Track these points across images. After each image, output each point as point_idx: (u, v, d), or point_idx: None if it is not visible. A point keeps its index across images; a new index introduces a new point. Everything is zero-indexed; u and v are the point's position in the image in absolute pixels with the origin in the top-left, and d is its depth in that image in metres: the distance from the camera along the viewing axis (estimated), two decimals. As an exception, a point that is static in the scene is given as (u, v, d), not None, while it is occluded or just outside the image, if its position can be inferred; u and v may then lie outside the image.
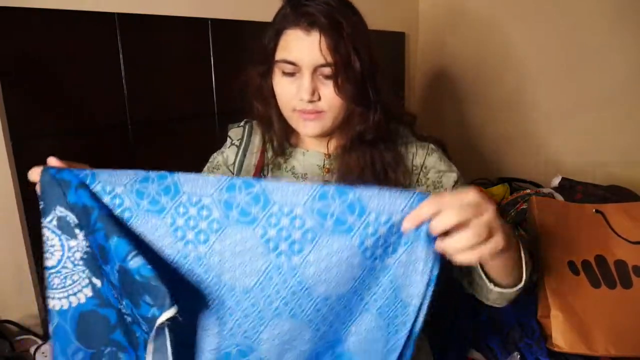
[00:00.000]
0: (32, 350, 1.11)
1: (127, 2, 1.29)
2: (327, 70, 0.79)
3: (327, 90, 0.80)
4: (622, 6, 1.68)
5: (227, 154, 0.97)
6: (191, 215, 0.63)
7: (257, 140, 0.96)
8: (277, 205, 0.60)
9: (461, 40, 2.17)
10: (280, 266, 0.61)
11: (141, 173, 0.65)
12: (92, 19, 1.22)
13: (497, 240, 0.55)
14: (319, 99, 0.81)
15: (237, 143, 0.96)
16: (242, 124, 0.99)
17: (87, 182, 0.65)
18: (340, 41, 0.77)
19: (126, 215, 0.65)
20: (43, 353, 1.10)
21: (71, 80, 1.22)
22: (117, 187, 0.65)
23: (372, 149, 0.87)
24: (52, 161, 0.68)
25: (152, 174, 0.65)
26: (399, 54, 2.25)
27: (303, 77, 0.80)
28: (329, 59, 0.77)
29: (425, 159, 0.90)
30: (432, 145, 0.91)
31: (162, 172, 0.65)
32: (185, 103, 1.47)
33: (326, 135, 0.89)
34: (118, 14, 1.26)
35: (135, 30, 1.31)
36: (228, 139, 0.98)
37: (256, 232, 0.61)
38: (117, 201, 0.65)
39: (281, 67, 0.81)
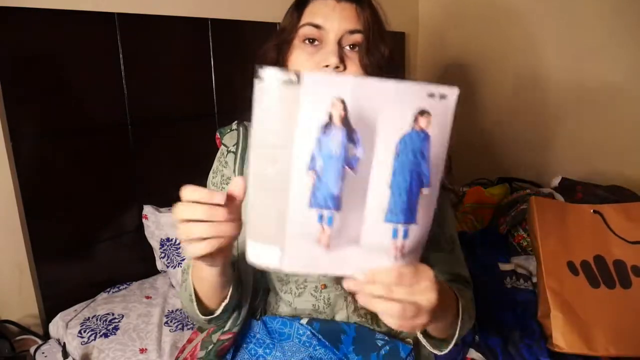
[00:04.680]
0: (32, 350, 1.11)
1: (127, 2, 1.29)
2: (356, 38, 0.73)
3: (353, 61, 0.73)
4: (622, 6, 1.69)
5: (229, 162, 0.86)
6: None
7: None
8: None
9: (461, 41, 2.17)
10: None
11: None
12: (92, 19, 1.22)
13: (421, 321, 0.53)
14: (345, 69, 0.73)
15: (233, 149, 0.85)
16: (234, 126, 0.89)
17: None
18: (372, 13, 0.74)
19: None
20: (43, 353, 1.10)
21: (71, 80, 1.22)
22: None
23: None
24: None
25: None
26: (399, 54, 2.25)
27: (327, 44, 0.73)
28: (359, 26, 0.73)
29: None
30: None
31: None
32: (185, 103, 1.47)
33: None
34: (118, 14, 1.26)
35: (135, 30, 1.31)
36: (223, 146, 0.87)
37: None
38: None
39: (304, 32, 0.73)
